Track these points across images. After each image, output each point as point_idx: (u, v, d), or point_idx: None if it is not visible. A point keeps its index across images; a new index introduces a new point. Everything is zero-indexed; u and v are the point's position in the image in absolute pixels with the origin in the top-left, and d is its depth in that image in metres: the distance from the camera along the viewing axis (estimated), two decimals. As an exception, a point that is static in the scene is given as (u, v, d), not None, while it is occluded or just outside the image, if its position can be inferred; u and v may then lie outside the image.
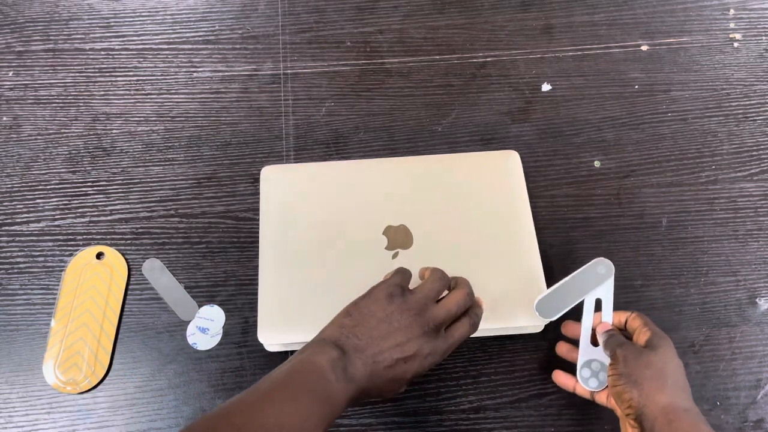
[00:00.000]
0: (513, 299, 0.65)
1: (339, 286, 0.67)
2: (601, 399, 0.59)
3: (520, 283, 0.65)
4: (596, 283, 0.60)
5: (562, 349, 0.63)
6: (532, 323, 0.66)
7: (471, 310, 0.55)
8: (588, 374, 0.59)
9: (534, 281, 0.64)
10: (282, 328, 0.66)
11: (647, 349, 0.56)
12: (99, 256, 0.69)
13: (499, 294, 0.64)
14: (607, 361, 0.58)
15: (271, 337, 0.65)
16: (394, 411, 0.64)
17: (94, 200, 0.72)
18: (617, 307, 0.61)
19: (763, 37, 0.82)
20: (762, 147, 0.76)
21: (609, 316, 0.60)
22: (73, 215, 0.71)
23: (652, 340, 0.56)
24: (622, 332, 0.60)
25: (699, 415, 0.52)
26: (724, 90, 0.79)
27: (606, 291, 0.61)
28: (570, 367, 0.61)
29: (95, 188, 0.72)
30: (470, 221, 0.69)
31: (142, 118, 0.76)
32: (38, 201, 0.72)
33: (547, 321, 0.61)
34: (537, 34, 0.83)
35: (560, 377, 0.62)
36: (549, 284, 0.63)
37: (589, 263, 0.61)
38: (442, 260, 0.62)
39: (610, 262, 0.60)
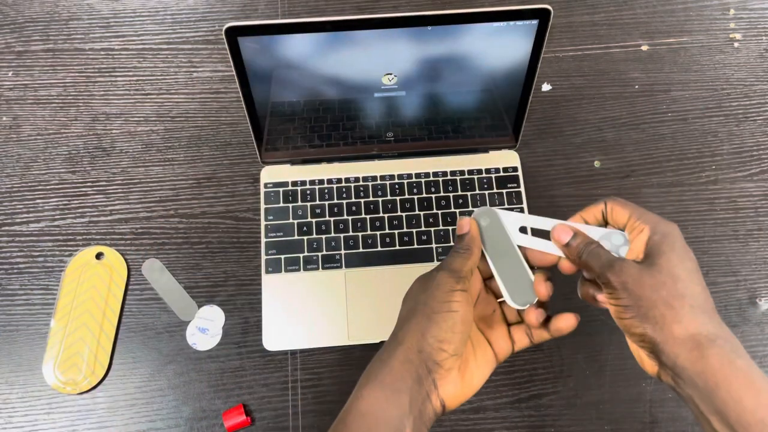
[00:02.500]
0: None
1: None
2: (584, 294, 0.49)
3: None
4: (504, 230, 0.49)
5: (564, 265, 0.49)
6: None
7: None
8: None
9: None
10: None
11: (646, 262, 0.43)
12: (99, 256, 0.69)
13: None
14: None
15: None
16: (394, 411, 0.63)
17: (94, 200, 0.72)
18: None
19: (764, 37, 0.82)
20: (762, 147, 0.76)
21: (547, 222, 0.48)
22: (73, 215, 0.71)
23: (655, 245, 0.43)
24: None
25: (728, 341, 0.41)
26: (725, 90, 0.79)
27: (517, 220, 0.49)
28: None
29: (95, 188, 0.72)
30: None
31: (141, 118, 0.76)
32: (38, 201, 0.72)
33: (532, 301, 0.48)
34: (537, 34, 0.83)
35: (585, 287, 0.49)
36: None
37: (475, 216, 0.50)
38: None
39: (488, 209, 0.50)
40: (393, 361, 0.44)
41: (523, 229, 0.50)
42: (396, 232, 0.69)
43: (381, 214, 0.70)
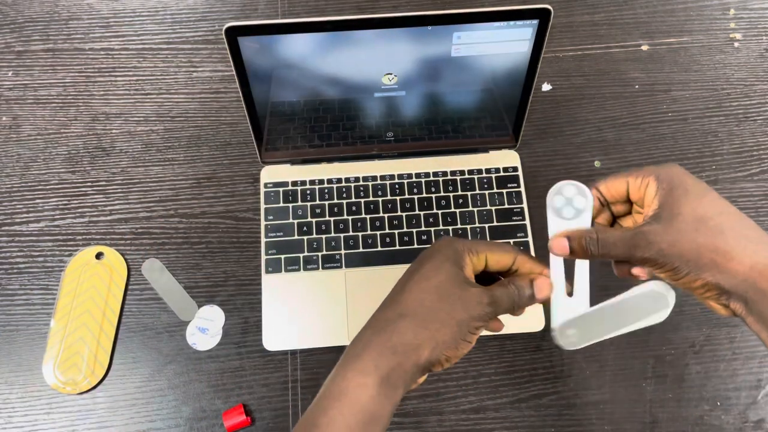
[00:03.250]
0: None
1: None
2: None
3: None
4: (647, 314, 0.44)
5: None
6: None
7: None
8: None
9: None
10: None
11: (665, 219, 0.41)
12: (98, 256, 0.68)
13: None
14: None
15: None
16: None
17: (94, 200, 0.72)
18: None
19: (764, 37, 0.82)
20: (762, 147, 0.76)
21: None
22: (73, 215, 0.71)
23: (666, 197, 0.42)
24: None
25: None
26: (725, 90, 0.79)
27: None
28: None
29: (95, 188, 0.72)
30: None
31: (141, 118, 0.76)
32: (38, 201, 0.72)
33: (571, 348, 0.47)
34: (537, 34, 0.83)
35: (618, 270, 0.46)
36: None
37: (643, 289, 0.43)
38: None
39: (671, 292, 0.44)
40: (406, 362, 0.42)
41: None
42: (396, 232, 0.69)
43: (381, 214, 0.70)
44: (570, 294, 0.45)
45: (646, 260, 0.42)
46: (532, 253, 0.69)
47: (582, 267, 0.45)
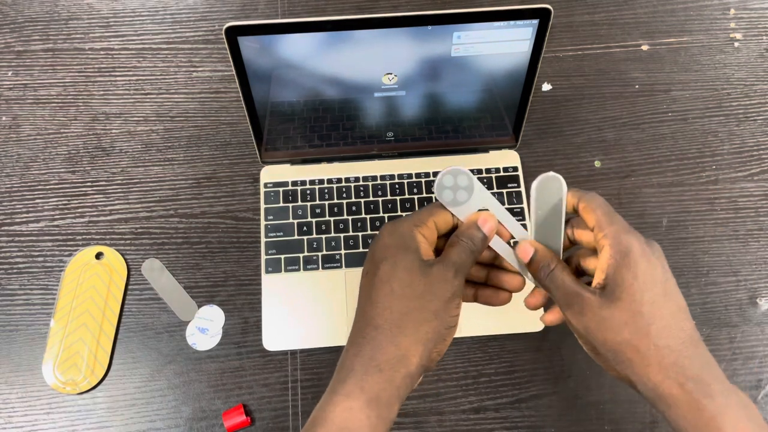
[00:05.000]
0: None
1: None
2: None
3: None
4: (557, 197, 0.45)
5: (530, 301, 0.47)
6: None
7: None
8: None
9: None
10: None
11: (606, 296, 0.40)
12: (98, 256, 0.68)
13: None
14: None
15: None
16: (394, 411, 0.63)
17: (94, 200, 0.72)
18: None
19: (764, 37, 0.82)
20: (763, 147, 0.76)
21: (519, 230, 0.46)
22: (73, 215, 0.71)
23: (615, 270, 0.40)
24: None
25: (701, 382, 0.38)
26: (725, 90, 0.79)
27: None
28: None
29: (94, 188, 0.72)
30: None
31: (141, 118, 0.76)
32: (37, 201, 0.72)
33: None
34: (537, 34, 0.83)
35: (549, 316, 0.47)
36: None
37: (536, 187, 0.44)
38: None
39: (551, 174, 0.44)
40: (395, 376, 0.39)
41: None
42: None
43: (381, 214, 0.70)
44: (510, 238, 0.45)
45: (572, 326, 0.42)
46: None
47: (505, 217, 0.45)
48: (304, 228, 0.69)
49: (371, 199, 0.70)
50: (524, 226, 0.48)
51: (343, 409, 0.39)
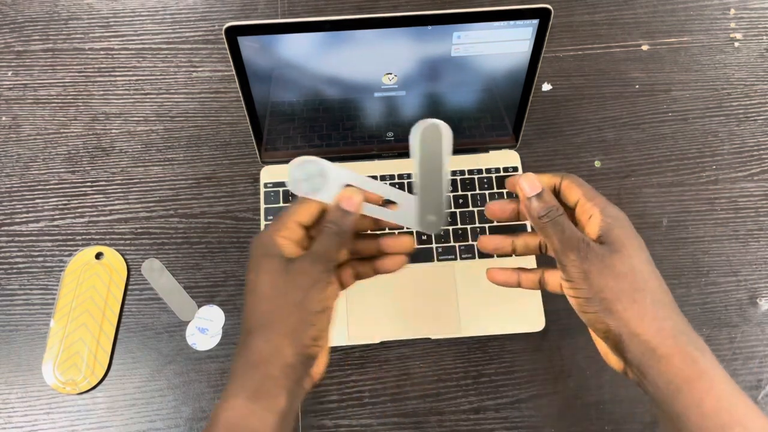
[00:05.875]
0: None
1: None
2: (554, 287, 0.47)
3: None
4: (440, 147, 0.44)
5: (487, 243, 0.49)
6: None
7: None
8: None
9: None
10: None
11: (606, 247, 0.41)
12: (98, 256, 0.68)
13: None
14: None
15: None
16: (394, 411, 0.63)
17: (94, 200, 0.72)
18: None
19: (764, 37, 0.82)
20: (763, 147, 0.76)
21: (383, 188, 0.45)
22: (72, 215, 0.71)
23: (609, 230, 0.41)
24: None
25: (691, 339, 0.40)
26: (725, 90, 0.79)
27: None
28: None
29: (94, 188, 0.72)
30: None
31: (141, 118, 0.76)
32: (37, 201, 0.72)
33: (441, 225, 0.46)
34: (537, 34, 0.83)
35: (498, 275, 0.48)
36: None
37: (415, 134, 0.44)
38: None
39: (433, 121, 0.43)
40: (271, 368, 0.41)
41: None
42: (396, 232, 0.69)
43: (381, 214, 0.70)
44: (386, 202, 0.45)
45: (568, 270, 0.41)
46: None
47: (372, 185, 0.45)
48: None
49: (371, 199, 0.70)
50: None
51: (227, 408, 0.40)
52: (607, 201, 0.43)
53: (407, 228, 0.46)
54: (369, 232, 0.48)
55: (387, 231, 0.49)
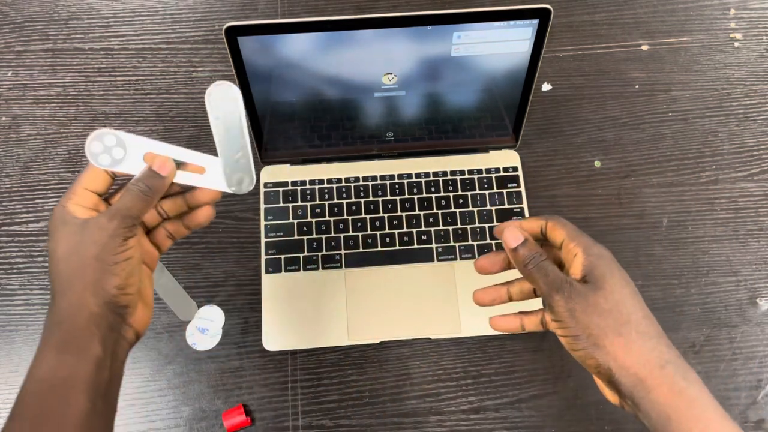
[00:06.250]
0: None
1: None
2: (531, 326, 0.49)
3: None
4: (234, 109, 0.45)
5: (483, 298, 0.50)
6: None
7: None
8: (107, 161, 0.45)
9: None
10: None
11: (590, 286, 0.42)
12: (98, 256, 0.68)
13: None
14: None
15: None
16: (394, 411, 0.63)
17: (94, 200, 0.72)
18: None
19: (764, 37, 0.82)
20: (763, 147, 0.76)
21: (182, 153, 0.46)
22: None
23: (593, 268, 0.43)
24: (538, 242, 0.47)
25: (679, 368, 0.41)
26: (725, 90, 0.79)
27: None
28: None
29: (95, 188, 0.72)
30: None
31: (141, 118, 0.76)
32: (37, 201, 0.72)
33: (250, 185, 0.47)
34: (537, 34, 0.83)
35: (501, 323, 0.50)
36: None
37: (209, 100, 0.45)
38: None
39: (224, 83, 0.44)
40: (77, 320, 0.41)
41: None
42: (396, 232, 0.69)
43: (381, 214, 0.70)
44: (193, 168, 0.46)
45: (555, 310, 0.43)
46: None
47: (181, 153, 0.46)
48: (304, 228, 0.69)
49: (371, 199, 0.70)
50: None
51: (36, 365, 0.41)
52: (590, 240, 0.44)
53: (223, 192, 0.47)
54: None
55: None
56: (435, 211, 0.70)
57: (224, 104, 0.45)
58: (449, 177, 0.72)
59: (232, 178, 0.47)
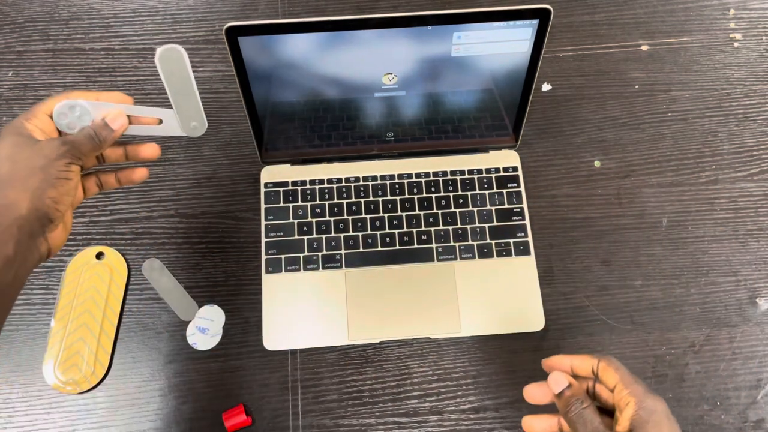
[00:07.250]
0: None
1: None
2: None
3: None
4: (179, 63, 0.51)
5: (534, 426, 0.50)
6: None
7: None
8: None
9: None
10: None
11: None
12: (99, 256, 0.69)
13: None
14: None
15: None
16: (394, 411, 0.64)
17: (94, 200, 0.72)
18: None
19: (764, 37, 0.82)
20: (762, 147, 0.76)
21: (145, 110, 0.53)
22: (73, 215, 0.71)
23: (641, 424, 0.43)
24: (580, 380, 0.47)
25: None
26: (725, 90, 0.79)
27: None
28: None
29: (95, 188, 0.72)
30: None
31: (141, 118, 0.76)
32: (38, 201, 0.72)
33: (202, 129, 0.55)
34: (537, 34, 0.83)
35: (535, 424, 0.49)
36: (543, 286, 0.63)
37: (158, 61, 0.51)
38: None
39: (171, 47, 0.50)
40: (2, 218, 0.44)
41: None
42: (396, 231, 0.69)
43: (381, 214, 0.70)
44: (159, 122, 0.53)
45: None
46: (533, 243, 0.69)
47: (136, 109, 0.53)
48: (305, 228, 0.69)
49: (371, 199, 0.71)
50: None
51: None
52: (644, 388, 0.44)
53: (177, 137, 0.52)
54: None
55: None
56: (435, 211, 0.70)
57: (174, 63, 0.50)
58: (449, 177, 0.72)
59: (188, 124, 0.53)
